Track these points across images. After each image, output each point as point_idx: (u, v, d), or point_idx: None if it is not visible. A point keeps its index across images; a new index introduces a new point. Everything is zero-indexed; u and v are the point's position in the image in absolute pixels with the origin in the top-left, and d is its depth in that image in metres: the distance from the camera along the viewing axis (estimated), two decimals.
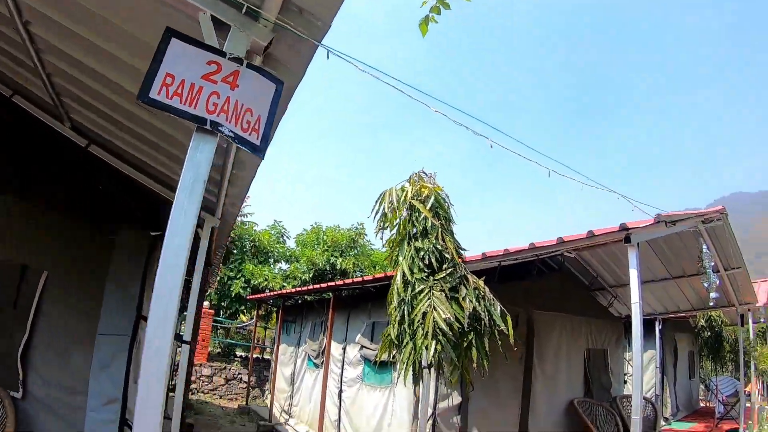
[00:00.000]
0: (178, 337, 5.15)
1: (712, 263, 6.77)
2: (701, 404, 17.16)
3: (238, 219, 17.40)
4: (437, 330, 3.97)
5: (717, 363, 12.78)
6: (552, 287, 9.62)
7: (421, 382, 4.55)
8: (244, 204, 17.53)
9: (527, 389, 8.36)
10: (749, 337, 12.47)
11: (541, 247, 5.59)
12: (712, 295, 6.82)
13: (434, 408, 6.65)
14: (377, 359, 5.97)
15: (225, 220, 5.50)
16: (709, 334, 11.26)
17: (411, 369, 4.19)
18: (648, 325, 13.54)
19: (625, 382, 13.68)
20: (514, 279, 8.59)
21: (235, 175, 3.97)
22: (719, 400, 13.87)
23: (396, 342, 4.30)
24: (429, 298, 4.05)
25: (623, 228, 4.95)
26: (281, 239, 19.32)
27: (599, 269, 10.48)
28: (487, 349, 4.37)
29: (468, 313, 4.13)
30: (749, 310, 12.10)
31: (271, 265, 18.22)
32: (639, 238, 5.13)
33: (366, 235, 19.50)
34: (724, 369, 20.04)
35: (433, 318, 3.95)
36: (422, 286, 4.16)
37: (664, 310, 11.81)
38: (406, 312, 4.15)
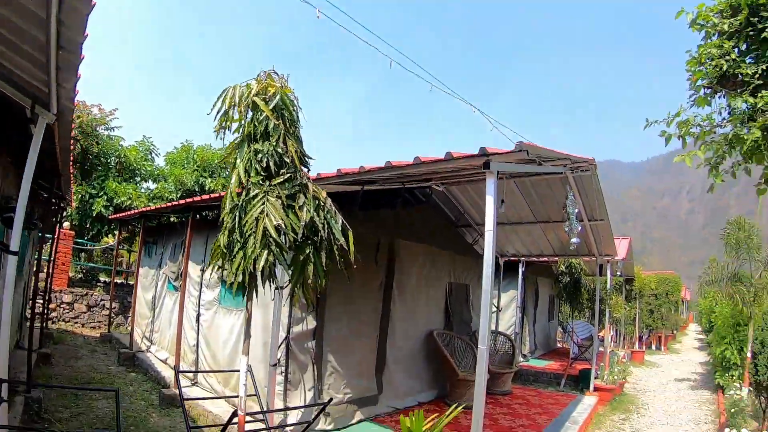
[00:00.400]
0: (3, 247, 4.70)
1: (576, 210, 7.00)
2: (558, 345, 18.84)
3: (105, 132, 16.09)
4: (269, 238, 3.76)
5: (575, 308, 13.81)
6: (418, 219, 9.67)
7: (255, 297, 4.31)
8: (111, 116, 16.62)
9: (386, 317, 8.39)
10: (606, 287, 13.58)
11: (398, 166, 5.42)
12: (573, 240, 7.03)
13: (288, 332, 6.53)
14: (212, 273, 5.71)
15: (62, 115, 4.89)
16: (568, 279, 12.04)
17: (241, 282, 3.92)
18: (512, 266, 14.37)
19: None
20: (380, 207, 8.53)
21: (61, 56, 3.48)
22: (574, 342, 15.11)
23: (226, 251, 4.03)
24: (263, 204, 3.80)
25: (483, 153, 4.78)
26: (149, 156, 18.08)
27: (467, 206, 10.66)
28: (324, 264, 4.22)
29: (304, 223, 3.94)
30: (608, 261, 13.09)
31: (138, 184, 17.05)
32: (499, 167, 5.01)
33: None
34: (581, 314, 21.93)
35: (264, 225, 3.72)
36: (257, 191, 3.88)
37: (528, 253, 12.47)
38: (238, 218, 3.87)
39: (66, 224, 15.18)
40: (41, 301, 10.26)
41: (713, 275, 12.04)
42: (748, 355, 11.08)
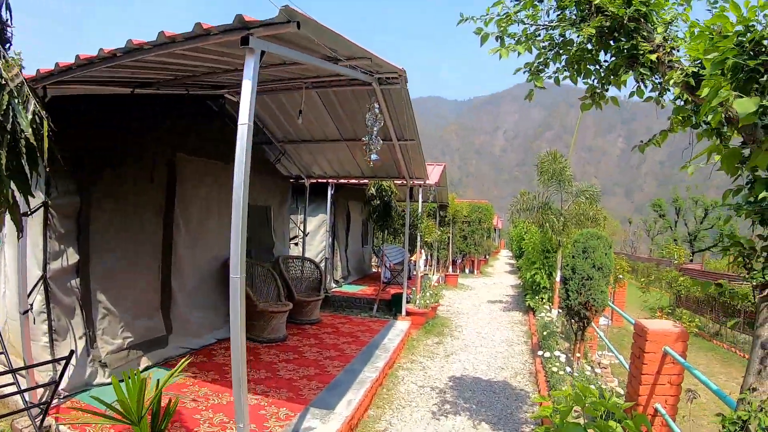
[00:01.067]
0: None
1: (379, 125, 6.42)
2: (373, 270, 18.04)
3: None
4: None
5: (387, 233, 12.79)
6: (208, 133, 8.05)
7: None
8: None
9: (169, 245, 6.92)
10: (418, 212, 12.80)
11: (140, 45, 3.63)
12: (372, 157, 6.37)
13: (44, 270, 5.14)
14: None
15: None
16: (378, 203, 10.86)
17: None
18: (321, 189, 13.03)
19: (296, 244, 13.10)
20: (159, 118, 7.09)
21: None
22: (386, 267, 14.36)
23: None
24: None
25: (241, 24, 3.39)
26: None
27: (267, 121, 9.12)
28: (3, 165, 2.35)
29: None
30: (420, 186, 12.25)
31: None
32: (263, 45, 3.60)
33: None
34: (397, 240, 21.60)
35: None
36: None
37: (335, 174, 11.04)
38: None
39: None
40: None
41: (525, 203, 11.74)
42: (557, 279, 11.04)
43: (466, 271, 24.29)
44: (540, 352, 7.68)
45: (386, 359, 7.43)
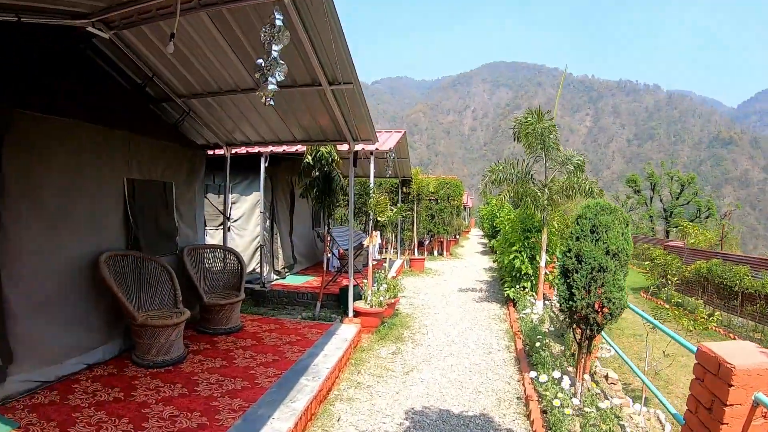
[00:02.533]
0: None
1: (282, 42, 3.99)
2: (328, 256, 15.67)
3: None
4: None
5: (328, 210, 10.19)
6: (69, 83, 5.82)
7: None
8: None
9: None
10: (368, 186, 10.51)
11: None
12: (269, 86, 4.00)
13: None
14: None
15: None
16: (317, 174, 8.48)
17: None
18: (251, 161, 10.67)
19: (228, 230, 10.71)
20: None
21: None
22: (333, 254, 12.06)
23: None
24: None
25: None
26: None
27: (158, 67, 6.76)
28: None
29: None
30: (371, 153, 9.95)
31: None
32: None
33: None
34: (358, 221, 19.27)
35: None
36: None
37: (262, 140, 8.59)
38: None
39: None
40: None
41: (501, 174, 9.51)
42: (541, 264, 8.95)
43: (435, 253, 22.13)
44: (532, 374, 5.49)
45: (313, 392, 5.17)
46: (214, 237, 11.39)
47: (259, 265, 10.74)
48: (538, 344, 6.24)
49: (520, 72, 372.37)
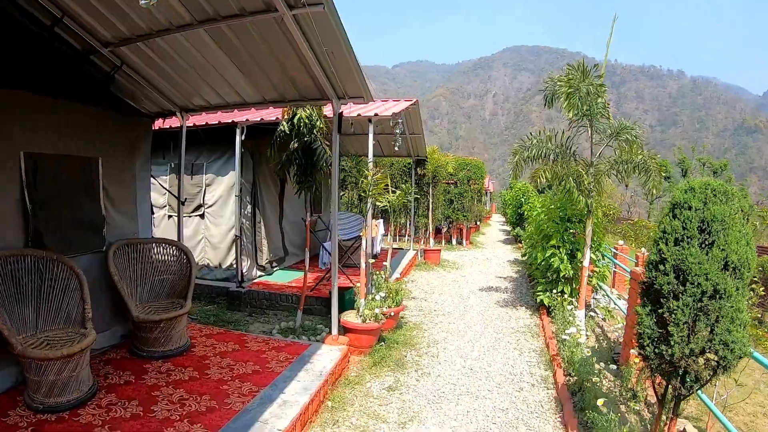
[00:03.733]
0: None
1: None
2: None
3: None
4: None
5: (310, 190, 8.02)
6: None
7: None
8: None
9: None
10: (358, 162, 8.52)
11: None
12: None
13: None
14: None
15: None
16: (296, 145, 6.45)
17: None
18: (229, 134, 8.78)
19: (201, 216, 8.90)
20: None
21: None
22: (324, 247, 10.10)
23: None
24: None
25: None
26: None
27: (73, 9, 4.93)
28: None
29: None
30: (370, 120, 7.96)
31: None
32: None
33: None
34: (354, 207, 17.26)
35: None
36: None
37: (224, 103, 6.55)
38: None
39: None
40: None
41: (536, 147, 7.42)
42: (585, 263, 6.91)
43: (453, 241, 20.05)
44: None
45: None
46: (188, 227, 9.55)
47: (236, 260, 8.86)
48: (584, 379, 4.22)
49: (542, 56, 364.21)
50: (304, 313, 7.69)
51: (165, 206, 9.92)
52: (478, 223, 25.87)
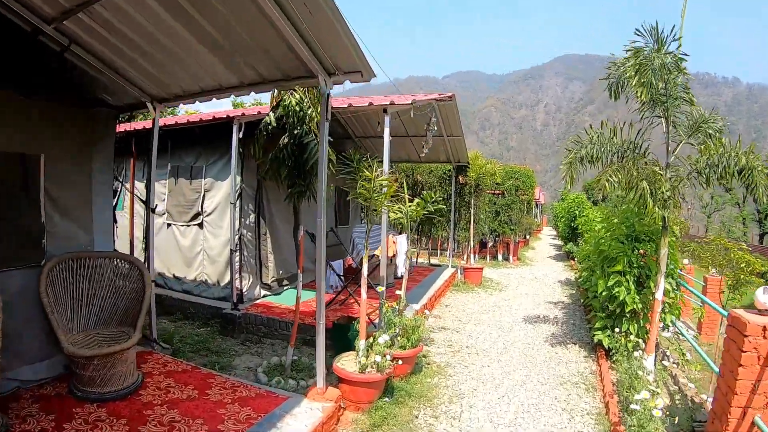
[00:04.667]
0: None
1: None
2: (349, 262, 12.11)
3: None
4: None
5: (300, 197, 6.39)
6: None
7: None
8: None
9: None
10: (357, 157, 7.10)
11: None
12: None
13: None
14: None
15: None
16: (287, 141, 5.06)
17: None
18: (220, 130, 7.61)
19: (199, 225, 7.73)
20: None
21: None
22: (331, 267, 8.65)
23: None
24: None
25: None
26: None
27: None
28: None
29: None
30: (385, 110, 6.60)
31: None
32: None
33: None
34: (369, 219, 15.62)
35: None
36: None
37: (204, 89, 5.19)
38: None
39: None
40: None
41: (597, 145, 5.80)
42: (658, 296, 5.26)
43: (499, 257, 18.30)
44: None
45: None
46: (187, 237, 8.38)
47: (235, 276, 7.57)
48: None
49: (593, 64, 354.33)
50: (305, 346, 6.34)
51: (164, 213, 8.79)
52: (527, 237, 23.94)
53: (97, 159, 5.35)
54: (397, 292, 5.95)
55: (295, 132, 5.02)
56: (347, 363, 4.88)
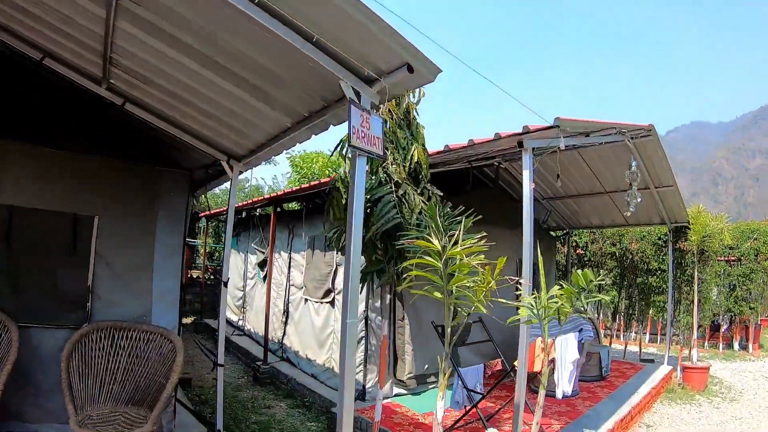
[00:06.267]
0: None
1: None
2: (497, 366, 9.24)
3: None
4: None
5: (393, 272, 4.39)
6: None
7: None
8: None
9: None
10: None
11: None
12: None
13: None
14: None
15: None
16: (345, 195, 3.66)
17: None
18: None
19: (331, 303, 6.56)
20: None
21: None
22: (458, 373, 6.49)
23: None
24: None
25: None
26: None
27: None
28: None
29: None
30: (520, 144, 4.88)
31: None
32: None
33: None
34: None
35: None
36: None
37: (275, 131, 4.22)
38: None
39: None
40: None
41: None
42: None
43: (735, 345, 14.15)
44: None
45: None
46: (320, 315, 7.36)
47: (362, 366, 6.17)
48: None
49: None
50: None
51: (302, 287, 7.89)
52: None
53: (163, 222, 4.85)
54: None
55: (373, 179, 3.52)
56: None
